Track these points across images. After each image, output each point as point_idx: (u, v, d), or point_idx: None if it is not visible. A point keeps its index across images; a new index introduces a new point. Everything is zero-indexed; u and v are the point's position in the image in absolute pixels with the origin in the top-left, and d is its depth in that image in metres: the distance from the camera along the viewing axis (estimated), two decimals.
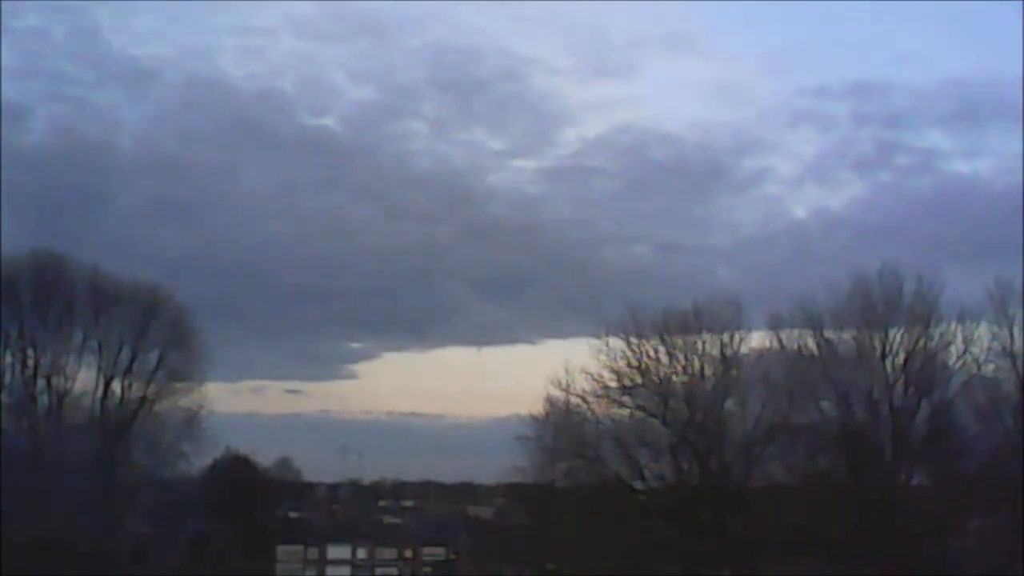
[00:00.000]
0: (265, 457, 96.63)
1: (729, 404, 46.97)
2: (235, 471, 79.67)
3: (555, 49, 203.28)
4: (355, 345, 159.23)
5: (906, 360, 44.85)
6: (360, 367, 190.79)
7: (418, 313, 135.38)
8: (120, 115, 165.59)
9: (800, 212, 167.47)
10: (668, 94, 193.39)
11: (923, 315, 44.88)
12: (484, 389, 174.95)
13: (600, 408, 48.08)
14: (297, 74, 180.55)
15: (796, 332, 46.87)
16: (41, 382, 50.66)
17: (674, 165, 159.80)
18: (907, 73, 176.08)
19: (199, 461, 56.09)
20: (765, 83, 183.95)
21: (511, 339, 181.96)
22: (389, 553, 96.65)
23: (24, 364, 50.45)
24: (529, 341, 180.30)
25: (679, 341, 47.18)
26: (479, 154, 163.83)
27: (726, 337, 46.84)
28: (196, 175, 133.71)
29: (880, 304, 45.38)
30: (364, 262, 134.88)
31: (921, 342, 44.88)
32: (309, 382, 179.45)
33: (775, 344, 47.24)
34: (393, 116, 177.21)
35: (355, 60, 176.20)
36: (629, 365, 47.28)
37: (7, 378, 50.43)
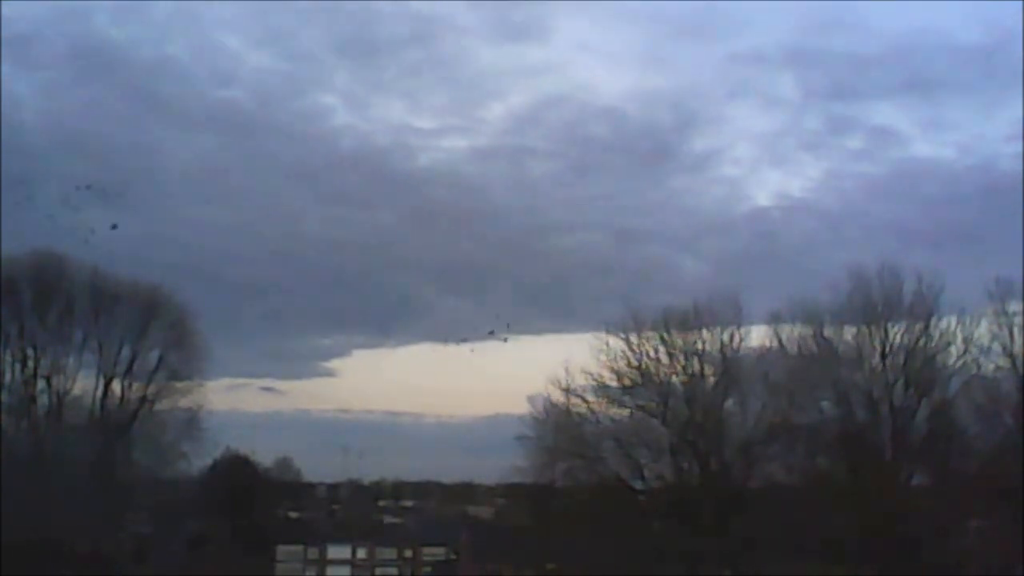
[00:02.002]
0: (265, 457, 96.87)
1: (729, 404, 47.05)
2: (235, 471, 79.66)
3: (454, 5, 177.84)
4: (326, 342, 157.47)
5: (906, 360, 44.88)
6: (333, 365, 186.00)
7: (379, 309, 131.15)
8: (14, 88, 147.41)
9: (761, 198, 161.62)
10: (588, 60, 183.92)
11: (923, 315, 44.93)
12: (460, 387, 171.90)
13: (600, 408, 48.16)
14: (187, 39, 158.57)
15: (796, 332, 46.98)
16: (41, 382, 50.77)
17: (616, 143, 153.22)
18: (846, 39, 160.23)
19: (199, 461, 56.27)
20: (691, 47, 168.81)
21: (478, 336, 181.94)
22: (389, 553, 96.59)
23: (24, 364, 50.52)
24: (497, 337, 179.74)
25: (679, 341, 47.21)
26: (404, 133, 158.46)
27: (726, 337, 46.88)
28: (111, 155, 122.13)
29: (880, 304, 45.44)
30: (310, 253, 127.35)
31: (921, 342, 44.92)
32: (283, 380, 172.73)
33: (775, 344, 47.32)
34: (302, 88, 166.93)
35: (244, 21, 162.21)
36: (629, 365, 47.36)
37: (7, 378, 50.51)
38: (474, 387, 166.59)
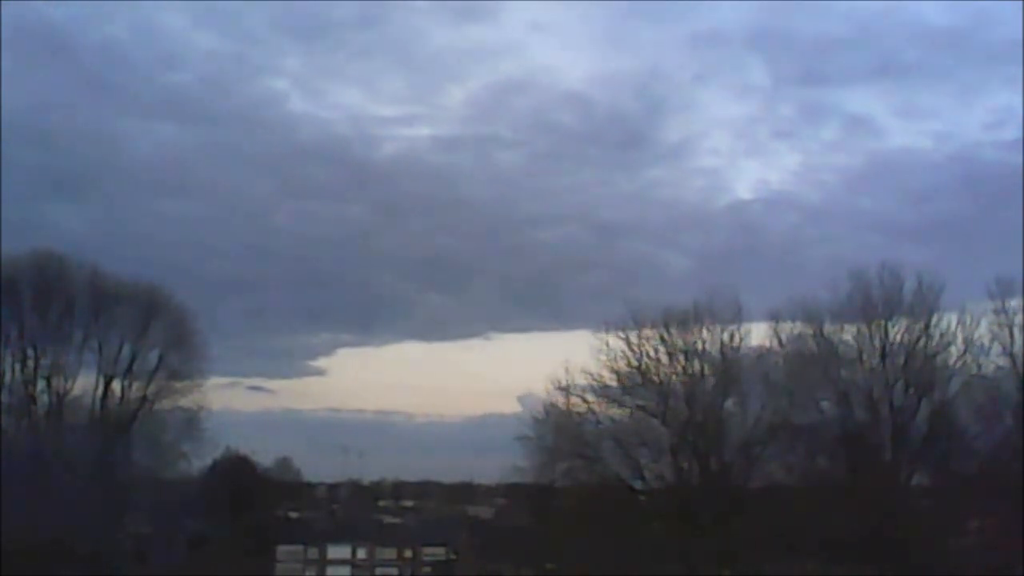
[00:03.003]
0: (265, 457, 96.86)
1: (729, 404, 46.96)
2: (235, 471, 79.65)
3: None
4: (310, 341, 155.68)
5: (906, 360, 44.86)
6: (320, 363, 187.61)
7: (361, 306, 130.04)
8: None
9: (741, 190, 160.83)
10: (545, 41, 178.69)
11: (923, 315, 44.93)
12: (449, 386, 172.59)
13: (600, 408, 48.12)
14: (127, 18, 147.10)
15: (796, 332, 46.97)
16: (41, 382, 50.73)
17: (584, 132, 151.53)
18: (812, 20, 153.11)
19: (199, 461, 56.22)
20: (650, 28, 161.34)
21: (463, 334, 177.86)
22: (389, 553, 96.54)
23: (24, 364, 50.47)
24: (481, 335, 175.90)
25: (679, 341, 47.19)
26: (364, 121, 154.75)
27: (726, 337, 46.86)
28: (73, 146, 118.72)
29: (880, 304, 45.43)
30: (284, 249, 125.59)
31: (921, 342, 44.91)
32: (270, 379, 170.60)
33: (775, 344, 47.32)
34: (252, 72, 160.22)
35: None
36: (629, 365, 47.30)
37: (7, 378, 50.43)
38: (462, 386, 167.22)
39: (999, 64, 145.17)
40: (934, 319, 44.85)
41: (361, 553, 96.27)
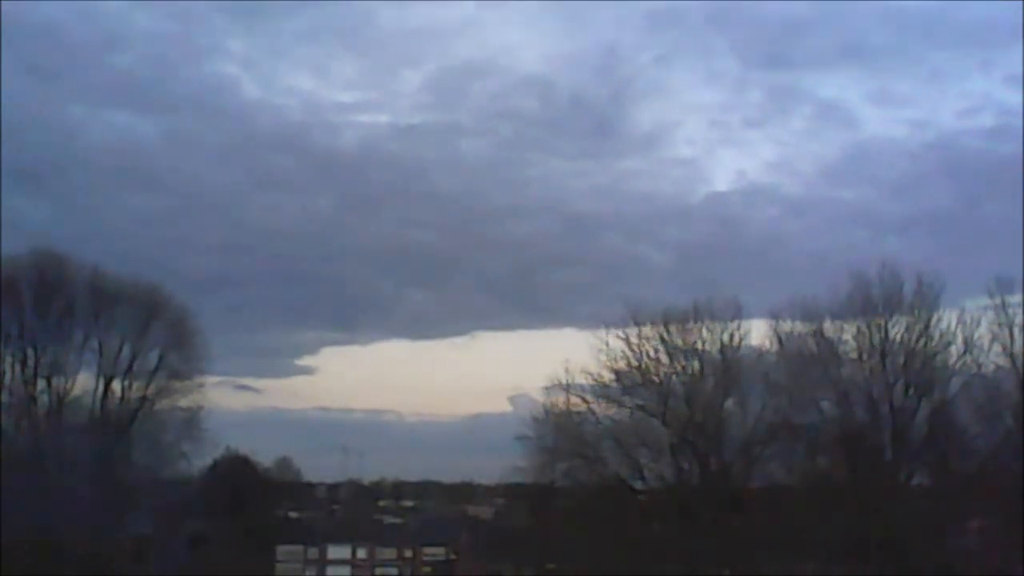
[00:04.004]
0: (265, 457, 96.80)
1: (729, 404, 46.98)
2: (235, 471, 79.66)
3: None
4: (294, 339, 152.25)
5: (906, 360, 44.84)
6: (306, 362, 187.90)
7: (340, 303, 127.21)
8: None
9: (717, 182, 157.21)
10: (498, 19, 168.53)
11: (923, 315, 44.91)
12: (436, 385, 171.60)
13: (600, 408, 48.15)
14: None
15: (796, 332, 46.96)
16: (41, 382, 50.68)
17: (548, 118, 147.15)
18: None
19: (199, 461, 56.22)
20: (606, 5, 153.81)
21: (447, 332, 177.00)
22: (389, 553, 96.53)
23: (24, 364, 50.44)
24: (466, 333, 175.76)
25: (679, 341, 47.20)
26: (320, 108, 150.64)
27: (726, 337, 46.88)
28: (24, 136, 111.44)
29: (880, 304, 45.42)
30: (255, 243, 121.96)
31: (921, 342, 44.89)
32: (257, 378, 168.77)
33: (775, 344, 47.32)
34: (198, 54, 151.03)
35: None
36: (629, 365, 47.32)
37: (7, 378, 50.42)
38: (450, 385, 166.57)
39: (971, 47, 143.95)
40: (934, 319, 44.88)
41: (361, 553, 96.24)
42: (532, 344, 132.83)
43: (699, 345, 47.09)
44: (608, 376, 47.31)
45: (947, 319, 44.82)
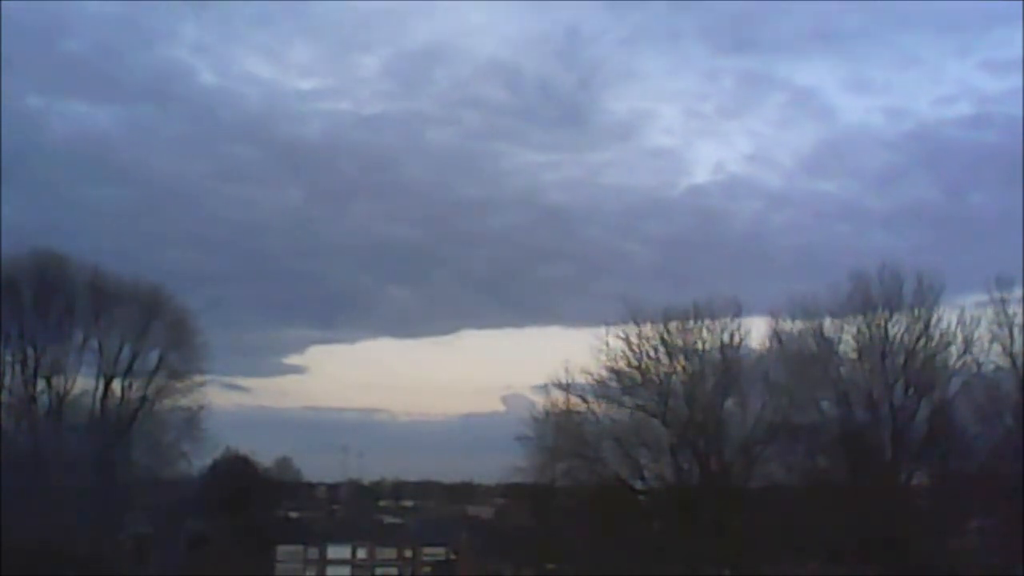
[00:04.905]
0: (265, 457, 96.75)
1: (729, 404, 46.96)
2: (235, 471, 79.62)
3: None
4: (279, 337, 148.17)
5: (906, 360, 44.85)
6: (293, 361, 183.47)
7: (322, 301, 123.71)
8: None
9: (697, 174, 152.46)
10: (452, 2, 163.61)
11: (923, 314, 44.92)
12: (426, 384, 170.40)
13: (600, 408, 48.14)
14: None
15: (796, 332, 46.98)
16: (41, 382, 50.66)
17: (515, 106, 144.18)
18: None
19: (199, 461, 56.15)
20: None
21: (433, 330, 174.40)
22: (389, 553, 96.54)
23: (24, 364, 50.44)
24: (452, 332, 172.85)
25: (679, 340, 47.20)
26: (280, 96, 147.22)
27: (726, 336, 46.88)
28: None
29: (880, 303, 45.44)
30: (228, 238, 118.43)
31: (921, 342, 44.90)
32: (246, 377, 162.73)
33: (775, 344, 47.30)
34: (148, 39, 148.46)
35: None
36: (629, 365, 47.31)
37: (7, 378, 50.42)
38: (441, 384, 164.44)
39: (947, 32, 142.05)
40: (934, 318, 44.90)
41: (361, 553, 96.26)
42: (519, 342, 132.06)
43: (699, 345, 47.12)
44: (608, 376, 47.35)
45: (947, 319, 44.94)
